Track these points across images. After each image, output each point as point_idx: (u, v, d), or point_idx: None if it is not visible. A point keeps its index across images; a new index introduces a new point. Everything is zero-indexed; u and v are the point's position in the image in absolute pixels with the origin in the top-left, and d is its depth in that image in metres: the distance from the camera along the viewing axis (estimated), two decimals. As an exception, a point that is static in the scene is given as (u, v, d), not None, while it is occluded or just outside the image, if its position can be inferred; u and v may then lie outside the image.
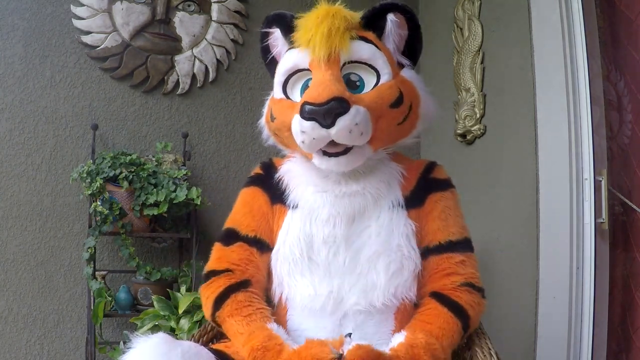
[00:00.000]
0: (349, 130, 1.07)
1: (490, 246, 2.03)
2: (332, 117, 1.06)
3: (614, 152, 1.82)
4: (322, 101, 1.05)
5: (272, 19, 1.27)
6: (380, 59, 1.15)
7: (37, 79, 2.14)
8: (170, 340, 1.01)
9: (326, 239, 1.14)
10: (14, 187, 2.10)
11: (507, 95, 2.03)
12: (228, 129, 2.36)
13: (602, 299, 1.75)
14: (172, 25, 2.28)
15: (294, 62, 1.17)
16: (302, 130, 1.09)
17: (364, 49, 1.14)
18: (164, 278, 2.05)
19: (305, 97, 1.08)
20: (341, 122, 1.06)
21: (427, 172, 1.26)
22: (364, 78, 1.15)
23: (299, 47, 1.16)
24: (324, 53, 1.10)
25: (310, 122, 1.07)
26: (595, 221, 1.73)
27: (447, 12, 2.34)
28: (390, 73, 1.15)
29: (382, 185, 1.18)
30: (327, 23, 1.11)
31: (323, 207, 1.15)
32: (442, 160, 1.32)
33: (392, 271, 1.12)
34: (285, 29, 1.23)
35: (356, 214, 1.15)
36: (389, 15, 1.19)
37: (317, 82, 1.10)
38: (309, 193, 1.19)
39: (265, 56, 1.32)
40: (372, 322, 1.13)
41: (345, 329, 1.12)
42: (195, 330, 1.60)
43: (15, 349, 2.06)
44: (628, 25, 1.76)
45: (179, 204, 2.02)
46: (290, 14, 1.23)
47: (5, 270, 2.07)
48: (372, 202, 1.16)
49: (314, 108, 1.05)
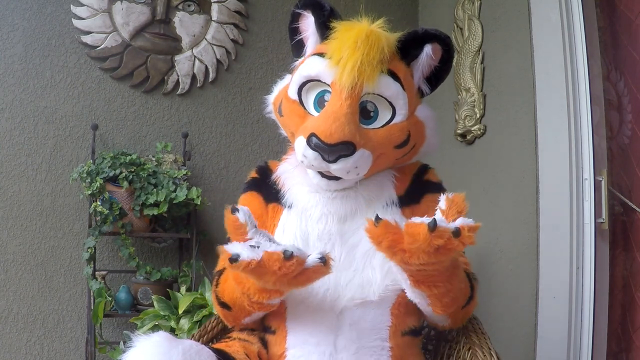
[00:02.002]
0: (347, 171, 1.10)
1: (490, 246, 2.03)
2: (336, 156, 1.08)
3: (614, 152, 1.82)
4: (332, 142, 1.06)
5: (309, 3, 1.21)
6: (402, 99, 1.15)
7: (37, 79, 2.14)
8: (171, 338, 1.01)
9: (321, 235, 1.16)
10: (14, 187, 2.10)
11: (507, 95, 2.03)
12: (228, 129, 2.36)
13: (602, 299, 1.75)
14: (172, 25, 2.28)
15: (317, 71, 1.15)
16: (305, 155, 1.10)
17: (389, 87, 1.14)
18: (164, 278, 2.05)
19: (316, 128, 1.08)
20: (343, 162, 1.09)
21: (421, 173, 1.27)
22: (379, 110, 1.15)
23: (328, 60, 1.13)
24: (351, 83, 1.09)
25: (314, 153, 1.08)
26: (595, 221, 1.73)
27: (447, 12, 2.34)
28: (406, 114, 1.16)
29: (374, 187, 1.20)
30: (363, 51, 1.09)
31: (316, 207, 1.17)
32: (442, 160, 1.33)
33: (387, 267, 1.12)
34: (320, 20, 1.19)
35: (348, 214, 1.16)
36: (426, 47, 1.17)
37: (333, 115, 1.09)
38: (304, 192, 1.20)
39: (292, 36, 1.27)
40: (369, 317, 1.14)
41: (343, 324, 1.12)
42: (195, 330, 1.60)
43: (15, 349, 2.06)
44: (628, 25, 1.76)
45: (179, 204, 2.02)
46: (329, 5, 1.20)
47: (5, 270, 2.07)
48: (365, 203, 1.18)
49: (320, 144, 1.07)
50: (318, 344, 1.12)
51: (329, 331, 1.12)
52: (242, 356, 1.14)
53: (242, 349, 1.17)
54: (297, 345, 1.14)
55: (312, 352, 1.12)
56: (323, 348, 1.11)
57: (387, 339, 1.14)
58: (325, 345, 1.11)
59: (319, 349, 1.11)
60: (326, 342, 1.12)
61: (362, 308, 1.13)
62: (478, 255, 2.06)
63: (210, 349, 1.08)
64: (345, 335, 1.12)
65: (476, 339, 1.18)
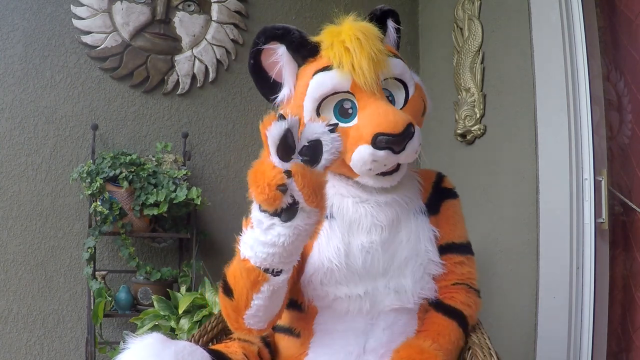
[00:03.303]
0: (416, 152, 1.12)
1: (490, 246, 2.03)
2: (405, 144, 1.09)
3: (614, 152, 1.82)
4: (399, 131, 1.07)
5: (275, 34, 1.17)
6: (407, 72, 1.17)
7: (37, 79, 2.14)
8: (164, 340, 1.01)
9: (367, 247, 1.15)
10: (14, 187, 2.10)
11: (507, 95, 2.03)
12: (228, 129, 2.36)
13: (602, 299, 1.75)
14: (172, 25, 2.28)
15: (332, 85, 1.12)
16: (374, 160, 1.09)
17: (397, 66, 1.15)
18: (164, 278, 2.05)
19: (377, 127, 1.07)
20: (410, 146, 1.10)
21: (439, 182, 1.31)
22: (394, 93, 1.17)
23: (337, 68, 1.11)
24: (374, 78, 1.10)
25: (385, 152, 1.08)
26: (595, 221, 1.73)
27: (447, 12, 2.34)
28: (413, 85, 1.18)
29: (409, 193, 1.22)
30: (369, 46, 1.10)
31: (365, 217, 1.16)
32: (442, 160, 1.34)
33: (420, 274, 1.16)
34: (294, 45, 1.17)
35: (394, 221, 1.17)
36: (389, 22, 1.22)
37: (382, 110, 1.09)
38: (349, 204, 1.18)
39: (260, 77, 1.25)
40: (401, 322, 1.17)
41: (376, 327, 1.15)
42: (195, 330, 1.60)
43: (15, 349, 2.06)
44: (628, 25, 1.76)
45: (179, 204, 2.02)
46: (296, 28, 1.18)
47: (5, 270, 2.07)
48: (405, 209, 1.19)
49: (391, 138, 1.07)
50: (347, 345, 1.14)
51: (360, 334, 1.15)
52: (240, 356, 1.14)
53: (241, 350, 1.16)
54: (322, 346, 1.16)
55: (338, 352, 1.14)
56: (351, 349, 1.14)
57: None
58: (354, 346, 1.14)
59: (347, 349, 1.14)
60: (355, 344, 1.14)
61: (396, 313, 1.16)
62: (478, 255, 2.05)
63: (207, 350, 1.08)
64: (376, 338, 1.15)
65: (476, 339, 1.19)
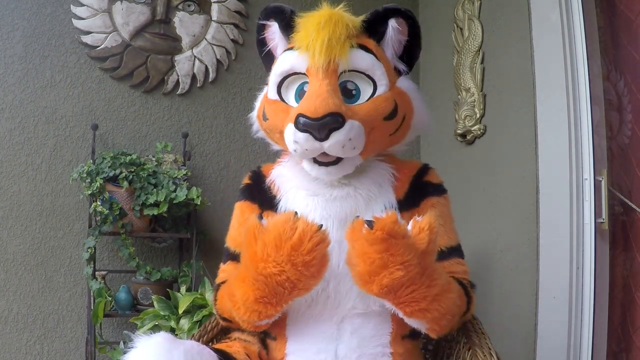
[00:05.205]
0: (342, 145, 1.08)
1: (490, 246, 2.03)
2: (326, 131, 1.06)
3: (614, 152, 1.82)
4: (318, 116, 1.05)
5: (270, 12, 1.25)
6: (378, 69, 1.14)
7: (37, 79, 2.14)
8: (172, 339, 1.01)
9: None
10: (14, 187, 2.10)
11: (507, 95, 2.03)
12: (228, 129, 2.36)
13: (602, 299, 1.75)
14: (172, 25, 2.28)
15: (291, 64, 1.16)
16: (295, 141, 1.09)
17: (363, 59, 1.14)
18: (164, 278, 2.05)
19: (301, 109, 1.07)
20: (335, 137, 1.06)
21: (421, 174, 1.24)
22: (360, 87, 1.15)
23: (298, 50, 1.14)
24: (323, 61, 1.09)
25: (304, 134, 1.07)
26: (595, 221, 1.73)
27: (447, 12, 2.34)
28: (387, 84, 1.15)
29: (373, 186, 1.17)
30: (328, 30, 1.10)
31: (314, 211, 1.14)
32: (442, 160, 1.33)
33: None
34: (283, 24, 1.22)
35: (348, 216, 1.12)
36: (390, 21, 1.18)
37: (314, 94, 1.08)
38: (300, 197, 1.18)
39: (261, 49, 1.30)
40: (370, 325, 1.12)
41: (343, 333, 1.11)
42: (195, 330, 1.60)
43: (15, 349, 2.06)
44: (628, 25, 1.76)
45: (179, 204, 2.02)
46: (290, 8, 1.22)
47: (5, 270, 2.07)
48: (364, 204, 1.15)
49: (308, 122, 1.05)
50: (318, 352, 1.11)
51: (329, 340, 1.11)
52: (243, 356, 1.14)
53: (243, 349, 1.17)
54: (296, 352, 1.14)
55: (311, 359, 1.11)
56: (323, 356, 1.11)
57: (388, 344, 1.13)
58: (326, 353, 1.11)
59: (319, 357, 1.11)
60: (326, 351, 1.11)
61: (363, 317, 1.12)
62: (478, 255, 2.06)
63: (211, 349, 1.08)
64: (346, 344, 1.11)
65: (476, 339, 1.18)
